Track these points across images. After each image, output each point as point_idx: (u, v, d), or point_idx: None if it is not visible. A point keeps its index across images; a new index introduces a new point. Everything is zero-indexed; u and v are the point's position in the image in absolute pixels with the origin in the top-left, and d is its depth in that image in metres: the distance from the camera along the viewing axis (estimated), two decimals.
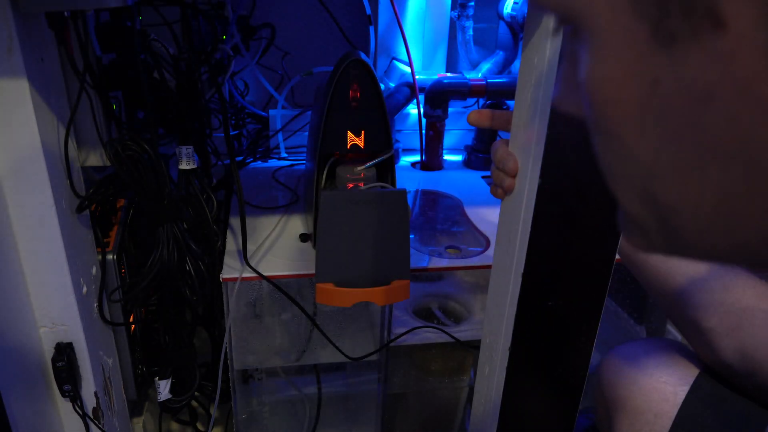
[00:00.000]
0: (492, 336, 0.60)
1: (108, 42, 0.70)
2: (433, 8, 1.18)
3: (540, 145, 0.48)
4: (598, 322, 0.57)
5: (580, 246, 0.53)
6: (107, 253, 0.77)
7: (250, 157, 1.15)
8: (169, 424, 1.07)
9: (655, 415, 0.61)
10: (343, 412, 1.11)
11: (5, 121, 0.59)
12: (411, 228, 0.88)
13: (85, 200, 0.70)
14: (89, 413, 0.76)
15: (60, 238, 0.65)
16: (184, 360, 0.87)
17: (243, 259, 0.78)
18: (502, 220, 0.57)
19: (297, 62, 1.23)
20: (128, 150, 0.69)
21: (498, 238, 0.58)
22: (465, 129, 1.30)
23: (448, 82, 1.10)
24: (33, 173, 0.62)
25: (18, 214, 0.63)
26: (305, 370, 1.05)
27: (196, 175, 0.77)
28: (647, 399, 0.62)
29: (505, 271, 0.56)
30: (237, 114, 1.19)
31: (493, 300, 0.60)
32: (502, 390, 0.59)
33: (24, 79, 0.57)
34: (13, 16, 0.54)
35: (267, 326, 0.89)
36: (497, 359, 0.59)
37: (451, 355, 1.02)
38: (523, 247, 0.52)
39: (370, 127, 0.78)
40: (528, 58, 0.49)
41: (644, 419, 0.61)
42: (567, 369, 0.59)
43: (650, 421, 0.61)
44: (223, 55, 0.98)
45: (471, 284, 1.01)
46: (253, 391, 1.05)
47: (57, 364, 0.71)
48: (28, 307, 0.68)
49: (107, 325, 0.80)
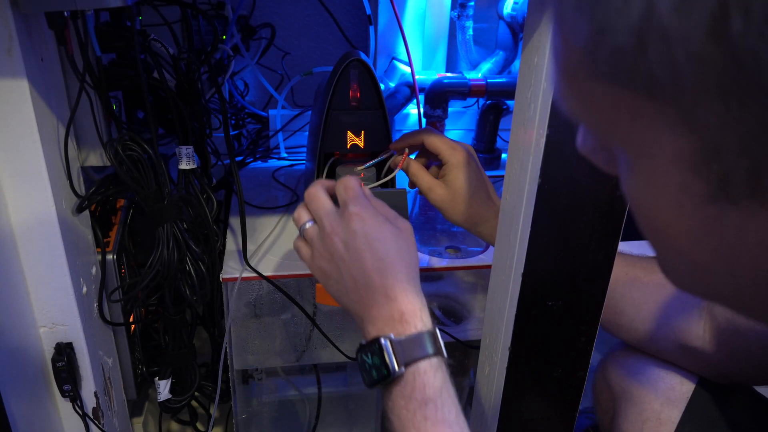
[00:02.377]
0: (492, 336, 0.60)
1: (108, 42, 0.70)
2: (433, 8, 1.18)
3: (540, 145, 0.48)
4: (598, 322, 0.57)
5: (580, 246, 0.53)
6: (107, 253, 0.77)
7: (250, 157, 1.14)
8: (169, 424, 1.07)
9: (662, 405, 0.61)
10: (343, 412, 1.11)
11: (5, 121, 0.59)
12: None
13: (85, 200, 0.70)
14: (89, 413, 0.76)
15: (60, 238, 0.65)
16: (184, 360, 0.87)
17: (243, 259, 0.78)
18: (502, 220, 0.57)
19: (297, 62, 1.23)
20: (128, 150, 0.69)
21: (498, 238, 0.58)
22: (465, 129, 1.30)
23: (448, 82, 1.10)
24: (33, 173, 0.62)
25: (18, 214, 0.63)
26: (305, 370, 1.05)
27: (196, 175, 0.77)
28: (655, 389, 0.62)
29: (505, 271, 0.56)
30: (237, 114, 1.18)
31: (493, 300, 0.60)
32: (502, 390, 0.59)
33: (24, 79, 0.57)
34: (12, 16, 0.54)
35: (267, 326, 0.89)
36: (497, 359, 0.59)
37: (451, 355, 1.01)
38: (523, 247, 0.52)
39: (370, 127, 0.78)
40: (528, 58, 0.49)
41: (651, 408, 0.61)
42: (567, 369, 0.59)
43: (657, 411, 0.61)
44: (223, 55, 0.98)
45: (471, 284, 1.01)
46: (253, 391, 1.05)
47: (57, 364, 0.71)
48: (28, 307, 0.68)
49: (107, 325, 0.80)
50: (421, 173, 0.72)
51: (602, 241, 0.53)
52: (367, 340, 0.51)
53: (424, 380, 0.48)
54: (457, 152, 0.71)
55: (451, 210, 0.71)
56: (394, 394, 0.49)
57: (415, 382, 0.48)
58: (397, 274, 0.52)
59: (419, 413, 0.47)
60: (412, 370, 0.48)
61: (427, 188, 0.71)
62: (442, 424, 0.46)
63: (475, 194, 0.70)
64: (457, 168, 0.70)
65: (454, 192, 0.70)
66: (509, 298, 0.56)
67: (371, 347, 0.50)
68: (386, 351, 0.48)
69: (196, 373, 0.90)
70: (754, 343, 0.55)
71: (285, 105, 1.17)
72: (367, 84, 0.76)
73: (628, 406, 0.63)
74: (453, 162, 0.70)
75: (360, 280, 0.52)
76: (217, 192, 0.95)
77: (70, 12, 0.60)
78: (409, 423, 0.47)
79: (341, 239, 0.53)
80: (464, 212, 0.70)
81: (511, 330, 0.56)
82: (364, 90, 0.77)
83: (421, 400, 0.47)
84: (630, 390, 0.64)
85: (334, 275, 0.54)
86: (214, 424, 1.02)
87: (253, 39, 1.13)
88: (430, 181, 0.72)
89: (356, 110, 0.77)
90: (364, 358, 0.51)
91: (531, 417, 0.61)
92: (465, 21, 1.17)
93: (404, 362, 0.48)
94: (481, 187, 0.71)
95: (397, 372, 0.48)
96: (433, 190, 0.71)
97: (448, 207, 0.71)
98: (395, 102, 1.11)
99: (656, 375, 0.63)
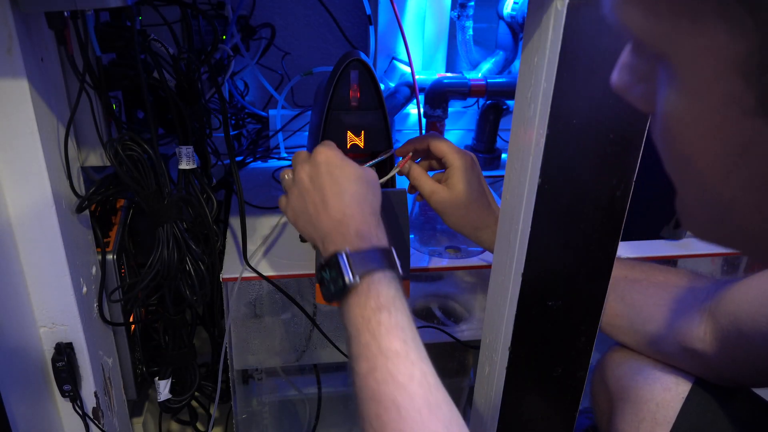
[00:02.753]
0: (492, 336, 0.60)
1: (108, 42, 0.70)
2: (433, 8, 1.18)
3: (540, 145, 0.48)
4: (598, 322, 0.57)
5: (580, 246, 0.53)
6: (107, 253, 0.77)
7: (250, 157, 1.14)
8: (169, 424, 1.07)
9: (658, 405, 0.61)
10: (343, 412, 1.11)
11: (5, 121, 0.59)
12: (411, 228, 0.88)
13: (85, 200, 0.70)
14: (89, 413, 0.76)
15: (60, 238, 0.65)
16: (184, 360, 0.87)
17: (243, 259, 0.78)
18: (502, 220, 0.57)
19: (297, 62, 1.23)
20: (128, 150, 0.69)
21: (498, 238, 0.58)
22: (465, 129, 1.30)
23: (448, 82, 1.10)
24: (33, 173, 0.62)
25: (18, 214, 0.63)
26: (305, 370, 1.05)
27: (196, 175, 0.77)
28: (651, 389, 0.62)
29: (505, 271, 0.56)
30: (237, 114, 1.18)
31: (493, 300, 0.60)
32: (502, 390, 0.59)
33: (24, 79, 0.57)
34: (12, 16, 0.54)
35: (267, 326, 0.89)
36: (497, 359, 0.59)
37: (451, 355, 1.02)
38: (523, 247, 0.52)
39: (370, 127, 0.78)
40: (528, 58, 0.49)
41: (647, 408, 0.61)
42: (567, 369, 0.59)
43: (653, 410, 0.61)
44: (223, 55, 0.98)
45: (471, 284, 1.01)
46: (253, 391, 1.05)
47: (57, 364, 0.71)
48: (28, 307, 0.68)
49: (107, 325, 0.80)
50: (423, 177, 0.74)
51: (602, 241, 0.53)
52: (326, 258, 0.55)
53: (378, 289, 0.51)
54: (461, 156, 0.72)
55: (453, 214, 0.72)
56: (351, 305, 0.52)
57: (369, 291, 0.51)
58: (355, 197, 0.57)
59: (374, 319, 0.49)
60: (367, 280, 0.52)
61: (429, 192, 0.72)
62: (395, 329, 0.49)
63: (478, 199, 0.71)
64: (461, 172, 0.71)
65: (456, 196, 0.71)
66: (509, 298, 0.56)
67: (329, 262, 0.54)
68: (342, 263, 0.52)
69: (196, 373, 0.90)
70: (759, 346, 0.54)
71: (285, 105, 1.17)
72: (367, 84, 0.76)
73: (624, 407, 0.63)
74: (457, 165, 0.71)
75: (320, 205, 0.58)
76: (217, 192, 0.95)
77: (70, 12, 0.60)
78: (364, 329, 0.49)
79: (307, 174, 0.60)
80: (465, 216, 0.71)
81: (511, 330, 0.56)
82: (364, 90, 0.77)
83: (375, 307, 0.50)
84: (626, 390, 0.64)
85: (300, 208, 0.60)
86: (214, 424, 1.02)
87: (253, 39, 1.13)
88: (432, 185, 0.73)
89: (356, 110, 0.77)
90: (323, 274, 0.55)
91: (531, 417, 0.61)
92: (465, 21, 1.17)
93: (359, 273, 0.52)
94: (482, 193, 0.72)
95: (353, 282, 0.51)
96: (436, 193, 0.72)
97: (449, 211, 0.72)
98: (395, 102, 1.11)
99: (653, 375, 0.63)
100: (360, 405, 0.47)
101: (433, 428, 0.44)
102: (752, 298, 0.55)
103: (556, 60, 0.45)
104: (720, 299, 0.59)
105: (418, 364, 0.48)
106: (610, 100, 0.47)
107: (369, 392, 0.47)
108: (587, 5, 0.43)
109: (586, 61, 0.45)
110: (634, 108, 0.30)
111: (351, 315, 0.51)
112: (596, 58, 0.45)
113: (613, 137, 0.48)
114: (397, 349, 0.48)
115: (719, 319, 0.58)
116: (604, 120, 0.47)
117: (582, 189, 0.50)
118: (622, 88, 0.30)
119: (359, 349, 0.49)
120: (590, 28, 0.44)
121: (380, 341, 0.48)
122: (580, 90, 0.46)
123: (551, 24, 0.45)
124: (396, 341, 0.48)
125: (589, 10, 0.43)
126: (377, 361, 0.47)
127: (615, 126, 0.48)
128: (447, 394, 0.47)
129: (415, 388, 0.46)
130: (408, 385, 0.46)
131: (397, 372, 0.47)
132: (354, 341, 0.50)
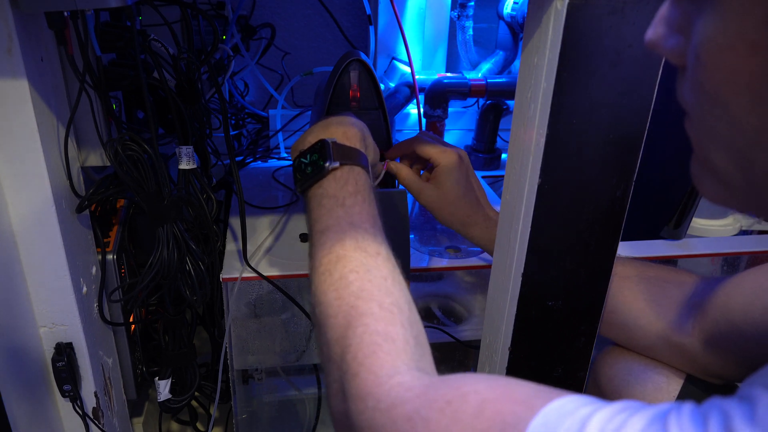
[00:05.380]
0: (492, 336, 0.60)
1: (108, 42, 0.70)
2: (433, 8, 1.18)
3: (540, 145, 0.48)
4: (598, 322, 0.57)
5: (580, 246, 0.53)
6: (107, 253, 0.77)
7: (250, 157, 1.14)
8: (169, 424, 1.07)
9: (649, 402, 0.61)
10: None
11: (5, 121, 0.59)
12: (411, 228, 0.88)
13: (85, 200, 0.70)
14: (89, 413, 0.76)
15: (60, 238, 0.65)
16: (184, 360, 0.87)
17: (243, 259, 0.78)
18: (502, 220, 0.57)
19: (297, 62, 1.23)
20: (128, 150, 0.69)
21: (498, 238, 0.58)
22: (465, 129, 1.30)
23: (448, 82, 1.10)
24: (33, 173, 0.62)
25: (18, 214, 0.63)
26: (305, 370, 1.05)
27: (196, 175, 0.77)
28: (643, 389, 0.62)
29: (505, 271, 0.56)
30: (237, 114, 1.19)
31: (493, 300, 0.60)
32: None
33: (24, 79, 0.57)
34: (12, 16, 0.54)
35: (267, 326, 0.89)
36: (497, 359, 0.59)
37: (451, 355, 1.02)
38: (523, 247, 0.52)
39: (370, 127, 0.78)
40: (528, 58, 0.49)
41: None
42: (567, 369, 0.59)
43: None
44: (223, 55, 0.98)
45: (471, 284, 1.01)
46: (253, 391, 1.05)
47: (57, 364, 0.71)
48: (28, 307, 0.68)
49: (107, 325, 0.80)
50: (411, 177, 0.74)
51: (602, 241, 0.53)
52: (310, 145, 0.58)
53: (357, 178, 0.54)
54: (447, 155, 0.72)
55: (441, 211, 0.73)
56: (326, 187, 0.54)
57: (348, 177, 0.54)
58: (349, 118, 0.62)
59: (349, 199, 0.53)
60: (348, 167, 0.55)
61: (417, 190, 0.73)
62: (368, 214, 0.52)
63: (465, 196, 0.72)
64: (447, 170, 0.72)
65: (443, 193, 0.72)
66: (509, 299, 0.56)
67: (313, 147, 0.57)
68: (328, 147, 0.55)
69: (196, 373, 0.90)
70: (749, 338, 0.54)
71: (285, 105, 1.17)
72: (367, 84, 0.76)
73: None
74: (443, 164, 0.72)
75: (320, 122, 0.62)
76: (217, 192, 0.95)
77: (70, 12, 0.60)
78: (338, 206, 0.52)
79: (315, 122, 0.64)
80: (453, 213, 0.72)
81: (511, 330, 0.56)
82: (364, 90, 0.77)
83: (353, 191, 0.53)
84: (618, 389, 0.64)
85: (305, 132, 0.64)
86: (214, 424, 1.02)
87: (253, 39, 1.13)
88: (420, 184, 0.74)
89: (356, 110, 0.77)
90: (302, 160, 0.57)
91: None
92: (465, 21, 1.17)
93: (341, 161, 0.55)
94: (470, 189, 0.73)
95: (333, 164, 0.54)
96: (423, 191, 0.73)
97: (437, 208, 0.73)
98: (395, 102, 1.11)
99: (644, 374, 0.63)
100: (320, 270, 0.48)
101: (396, 294, 0.46)
102: (746, 290, 0.55)
103: (556, 60, 0.45)
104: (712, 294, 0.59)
105: (384, 246, 0.50)
106: (610, 100, 0.47)
107: (335, 257, 0.48)
108: (587, 5, 0.43)
109: (586, 61, 0.45)
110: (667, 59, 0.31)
111: (320, 202, 0.53)
112: (596, 58, 0.45)
113: (613, 137, 0.48)
114: (367, 227, 0.50)
115: (710, 312, 0.58)
116: (604, 120, 0.47)
117: (582, 189, 0.50)
118: (657, 40, 0.31)
119: (329, 221, 0.51)
120: (590, 28, 0.44)
121: (353, 217, 0.51)
122: (580, 90, 0.46)
123: (551, 24, 0.45)
124: (367, 222, 0.51)
125: (589, 10, 0.43)
126: (347, 233, 0.49)
127: (615, 126, 0.48)
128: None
129: (382, 262, 0.48)
130: (376, 258, 0.48)
131: (366, 245, 0.49)
132: (324, 217, 0.52)
